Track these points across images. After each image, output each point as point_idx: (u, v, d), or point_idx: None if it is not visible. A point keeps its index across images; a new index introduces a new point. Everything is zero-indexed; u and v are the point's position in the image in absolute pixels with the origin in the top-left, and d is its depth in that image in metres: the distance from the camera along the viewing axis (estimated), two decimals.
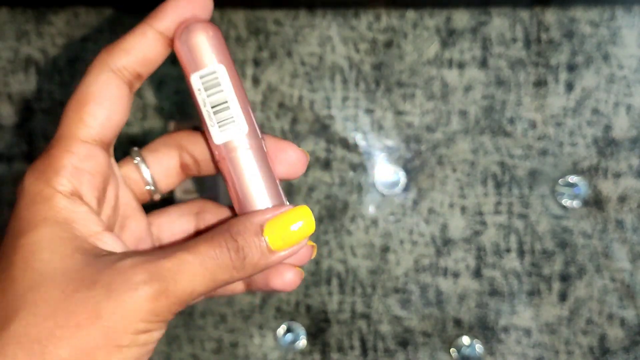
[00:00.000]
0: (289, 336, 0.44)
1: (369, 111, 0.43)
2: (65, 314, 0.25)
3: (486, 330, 0.43)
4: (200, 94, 0.29)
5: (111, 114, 0.28)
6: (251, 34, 0.43)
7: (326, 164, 0.43)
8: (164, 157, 0.31)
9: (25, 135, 0.44)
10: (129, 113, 0.29)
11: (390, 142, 0.43)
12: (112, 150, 0.30)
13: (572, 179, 0.42)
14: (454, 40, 0.42)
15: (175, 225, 0.32)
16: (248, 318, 0.45)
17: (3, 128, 0.45)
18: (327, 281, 0.44)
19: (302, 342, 0.44)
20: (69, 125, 0.28)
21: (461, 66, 0.42)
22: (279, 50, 0.43)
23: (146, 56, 0.28)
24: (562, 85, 0.42)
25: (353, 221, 0.43)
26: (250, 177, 0.29)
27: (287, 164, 0.30)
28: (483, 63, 0.42)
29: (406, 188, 0.43)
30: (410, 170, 0.43)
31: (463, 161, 0.43)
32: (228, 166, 0.29)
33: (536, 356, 0.43)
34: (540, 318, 0.43)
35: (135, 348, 0.26)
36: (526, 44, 0.42)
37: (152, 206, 0.33)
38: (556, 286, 0.43)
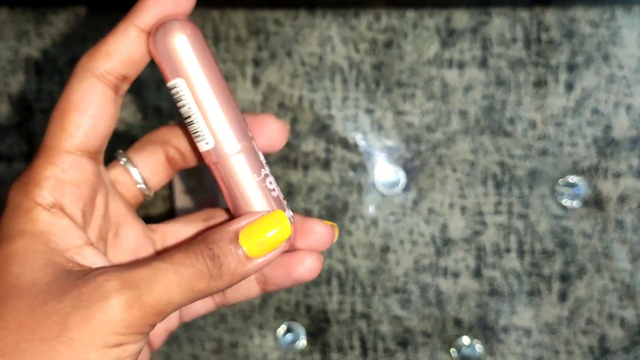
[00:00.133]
0: (289, 336, 0.44)
1: (369, 111, 0.43)
2: (31, 327, 0.24)
3: (486, 330, 0.43)
4: (176, 103, 0.28)
5: (96, 122, 0.27)
6: (251, 34, 0.43)
7: (326, 164, 0.43)
8: (150, 154, 0.31)
9: (25, 135, 0.44)
10: (117, 118, 0.28)
11: (390, 142, 0.43)
12: (102, 157, 0.29)
13: (572, 179, 0.42)
14: (454, 40, 0.42)
15: (181, 232, 0.32)
16: (248, 318, 0.45)
17: (3, 128, 0.45)
18: (327, 281, 0.44)
19: (302, 342, 0.44)
20: (52, 135, 0.27)
21: (461, 66, 0.42)
22: (279, 50, 0.43)
23: (131, 57, 0.27)
24: (562, 85, 0.42)
25: (353, 221, 0.43)
26: (236, 184, 0.28)
27: (268, 137, 0.30)
28: (483, 63, 0.42)
29: (406, 188, 0.43)
30: (410, 170, 0.43)
31: (463, 161, 0.43)
32: (215, 173, 0.29)
33: (536, 356, 0.43)
34: (540, 318, 0.43)
35: None
36: (526, 44, 0.42)
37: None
38: (556, 286, 0.43)
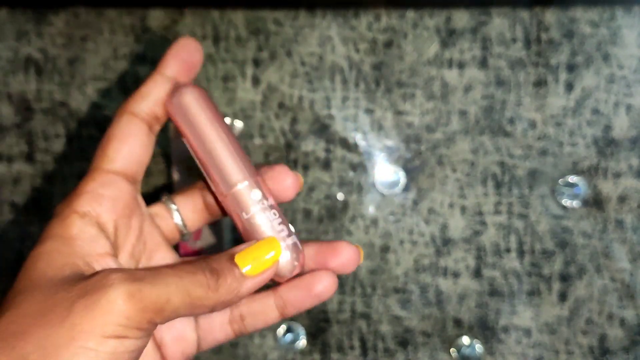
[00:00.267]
0: (289, 336, 0.44)
1: (369, 111, 0.43)
2: (41, 314, 0.26)
3: (486, 330, 0.43)
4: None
5: (133, 149, 0.32)
6: (251, 34, 0.43)
7: (326, 164, 0.43)
8: (189, 198, 0.34)
9: (25, 135, 0.44)
10: (151, 152, 0.32)
11: (390, 142, 0.43)
12: (139, 186, 0.33)
13: (572, 179, 0.42)
14: (454, 40, 0.42)
15: None
16: None
17: (3, 128, 0.45)
18: None
19: (302, 342, 0.44)
20: (95, 160, 0.32)
21: (461, 66, 0.42)
22: (279, 50, 0.43)
23: (160, 98, 0.32)
24: (562, 85, 0.42)
25: (353, 221, 0.43)
26: (232, 219, 0.32)
27: (282, 187, 0.33)
28: (483, 63, 0.42)
29: (406, 188, 0.43)
30: (410, 170, 0.43)
31: (463, 161, 0.43)
32: (226, 206, 0.33)
33: (536, 356, 0.43)
34: (540, 318, 0.43)
35: (102, 354, 0.26)
36: (526, 44, 0.42)
37: None
38: (556, 286, 0.43)
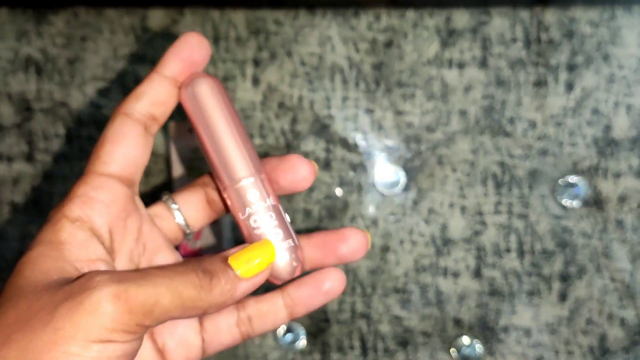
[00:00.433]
0: (289, 336, 0.44)
1: (369, 111, 0.43)
2: (24, 320, 0.25)
3: (486, 330, 0.43)
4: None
5: (127, 152, 0.30)
6: (251, 34, 0.43)
7: (326, 164, 0.43)
8: (191, 195, 0.33)
9: (25, 135, 0.44)
10: (149, 154, 0.31)
11: (390, 142, 0.43)
12: (136, 189, 0.32)
13: (572, 179, 0.42)
14: (454, 40, 0.42)
15: None
16: None
17: (3, 128, 0.45)
18: None
19: (302, 342, 0.44)
20: (89, 163, 0.31)
21: (461, 66, 0.42)
22: (279, 50, 0.43)
23: (156, 99, 0.31)
24: (562, 85, 0.42)
25: (353, 221, 0.43)
26: (240, 220, 0.32)
27: (296, 177, 0.32)
28: (483, 63, 0.42)
29: (406, 188, 0.43)
30: (410, 170, 0.43)
31: (463, 161, 0.43)
32: (227, 201, 0.32)
33: (536, 356, 0.43)
34: (540, 318, 0.43)
35: (87, 359, 0.24)
36: (526, 44, 0.42)
37: None
38: (556, 286, 0.43)
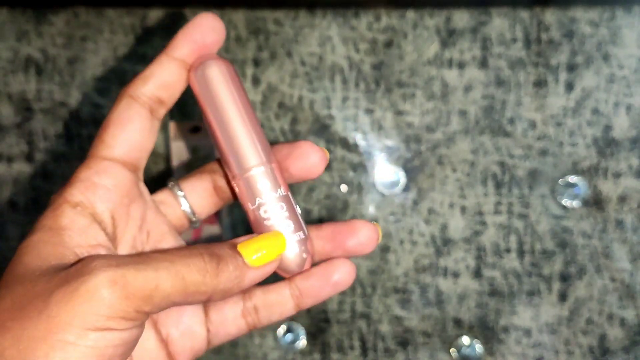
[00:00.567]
0: (289, 336, 0.44)
1: (369, 111, 0.43)
2: (19, 307, 0.25)
3: (486, 330, 0.43)
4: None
5: (131, 135, 0.29)
6: (251, 34, 0.43)
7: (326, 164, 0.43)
8: (197, 182, 0.32)
9: (25, 135, 0.44)
10: (154, 138, 0.30)
11: (390, 142, 0.43)
12: (141, 174, 0.31)
13: (572, 179, 0.42)
14: (454, 40, 0.42)
15: None
16: None
17: (3, 128, 0.45)
18: None
19: (302, 342, 0.44)
20: (93, 147, 0.29)
21: (461, 66, 0.42)
22: (279, 50, 0.43)
23: (164, 81, 0.30)
24: (562, 85, 0.42)
25: None
26: (250, 210, 0.30)
27: (307, 164, 0.31)
28: (483, 63, 0.42)
29: (406, 188, 0.43)
30: (410, 170, 0.43)
31: (463, 161, 0.43)
32: (236, 190, 0.31)
33: (536, 356, 0.43)
34: (540, 318, 0.43)
35: (83, 348, 0.24)
36: (526, 44, 0.42)
37: None
38: (556, 286, 0.43)
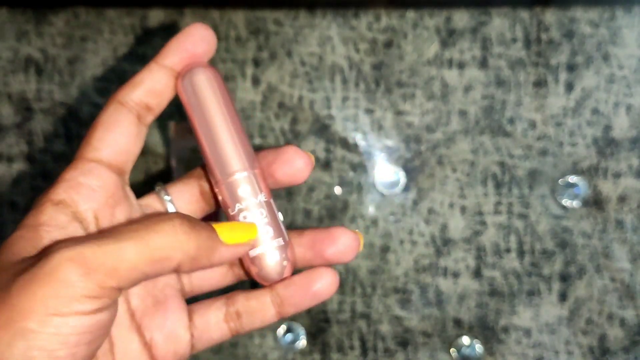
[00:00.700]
0: (289, 336, 0.44)
1: (369, 111, 0.43)
2: None
3: (486, 330, 0.43)
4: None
5: (118, 138, 0.30)
6: (251, 34, 0.43)
7: (326, 164, 0.43)
8: (185, 187, 0.33)
9: (25, 135, 0.44)
10: (141, 144, 0.31)
11: (390, 142, 0.43)
12: (127, 178, 0.31)
13: (572, 179, 0.42)
14: (454, 40, 0.42)
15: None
16: None
17: (3, 128, 0.45)
18: None
19: (302, 342, 0.44)
20: (80, 149, 0.30)
21: (461, 66, 0.42)
22: (279, 50, 0.43)
23: (153, 88, 0.30)
24: (562, 85, 0.42)
25: (353, 221, 0.43)
26: (230, 215, 0.31)
27: (292, 169, 0.31)
28: (483, 63, 0.42)
29: (406, 188, 0.43)
30: (410, 170, 0.43)
31: (463, 161, 0.43)
32: (218, 196, 0.32)
33: (536, 356, 0.43)
34: (540, 318, 0.43)
35: (45, 335, 0.23)
36: (526, 44, 0.42)
37: None
38: (556, 286, 0.43)
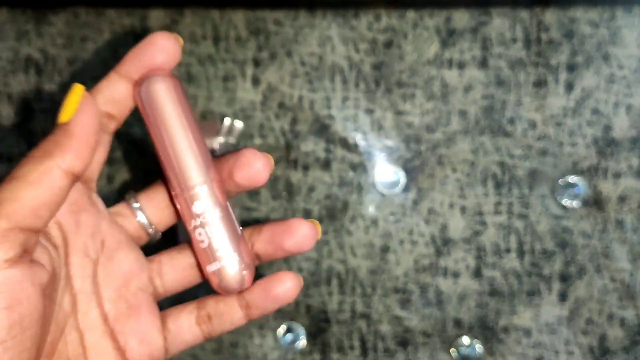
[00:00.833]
0: (289, 336, 0.44)
1: (369, 111, 0.43)
2: None
3: (486, 330, 0.43)
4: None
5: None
6: (251, 34, 0.43)
7: (326, 164, 0.43)
8: (154, 194, 0.33)
9: (25, 135, 0.44)
10: (105, 153, 0.31)
11: (390, 142, 0.43)
12: (93, 185, 0.32)
13: (572, 179, 0.42)
14: (454, 40, 0.42)
15: (175, 260, 0.34)
16: None
17: (3, 128, 0.45)
18: (327, 281, 0.44)
19: (302, 342, 0.44)
20: None
21: (461, 66, 0.42)
22: (279, 50, 0.43)
23: (112, 97, 0.31)
24: (562, 85, 0.42)
25: (353, 221, 0.43)
26: (188, 229, 0.32)
27: (251, 172, 0.32)
28: (483, 63, 0.42)
29: (406, 188, 0.43)
30: (410, 170, 0.43)
31: (463, 161, 0.43)
32: (178, 207, 0.32)
33: (536, 356, 0.43)
34: (540, 318, 0.43)
35: None
36: (526, 44, 0.42)
37: None
38: (556, 286, 0.43)
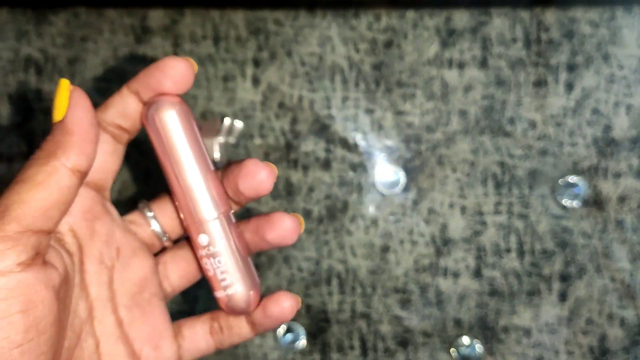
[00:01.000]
0: (289, 336, 0.44)
1: (369, 111, 0.43)
2: None
3: (486, 330, 0.43)
4: None
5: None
6: (251, 34, 0.43)
7: (326, 164, 0.43)
8: (167, 203, 0.34)
9: (25, 135, 0.44)
10: (118, 162, 0.32)
11: (390, 142, 0.43)
12: (107, 194, 0.33)
13: (572, 179, 0.42)
14: (454, 40, 0.42)
15: (177, 255, 0.35)
16: None
17: (3, 128, 0.45)
18: (327, 281, 0.44)
19: (302, 342, 0.44)
20: None
21: (461, 66, 0.42)
22: (279, 50, 0.43)
23: (123, 111, 0.31)
24: (562, 85, 0.42)
25: (353, 221, 0.43)
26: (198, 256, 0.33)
27: (254, 182, 0.32)
28: (483, 63, 0.42)
29: (406, 188, 0.43)
30: (410, 170, 0.43)
31: (463, 161, 0.43)
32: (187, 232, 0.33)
33: (536, 356, 0.43)
34: (540, 318, 0.43)
35: None
36: (526, 44, 0.42)
37: None
38: (556, 286, 0.43)
